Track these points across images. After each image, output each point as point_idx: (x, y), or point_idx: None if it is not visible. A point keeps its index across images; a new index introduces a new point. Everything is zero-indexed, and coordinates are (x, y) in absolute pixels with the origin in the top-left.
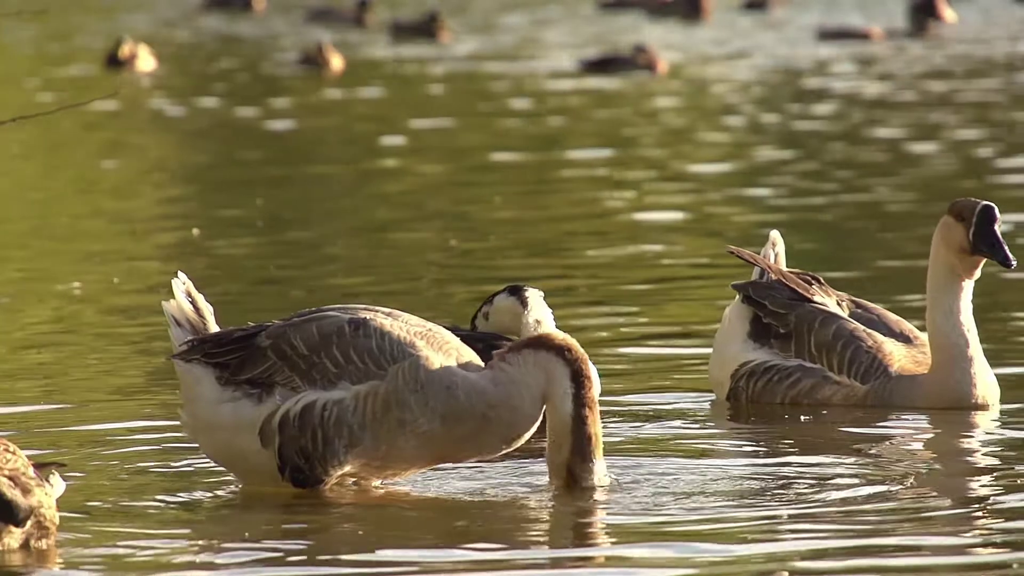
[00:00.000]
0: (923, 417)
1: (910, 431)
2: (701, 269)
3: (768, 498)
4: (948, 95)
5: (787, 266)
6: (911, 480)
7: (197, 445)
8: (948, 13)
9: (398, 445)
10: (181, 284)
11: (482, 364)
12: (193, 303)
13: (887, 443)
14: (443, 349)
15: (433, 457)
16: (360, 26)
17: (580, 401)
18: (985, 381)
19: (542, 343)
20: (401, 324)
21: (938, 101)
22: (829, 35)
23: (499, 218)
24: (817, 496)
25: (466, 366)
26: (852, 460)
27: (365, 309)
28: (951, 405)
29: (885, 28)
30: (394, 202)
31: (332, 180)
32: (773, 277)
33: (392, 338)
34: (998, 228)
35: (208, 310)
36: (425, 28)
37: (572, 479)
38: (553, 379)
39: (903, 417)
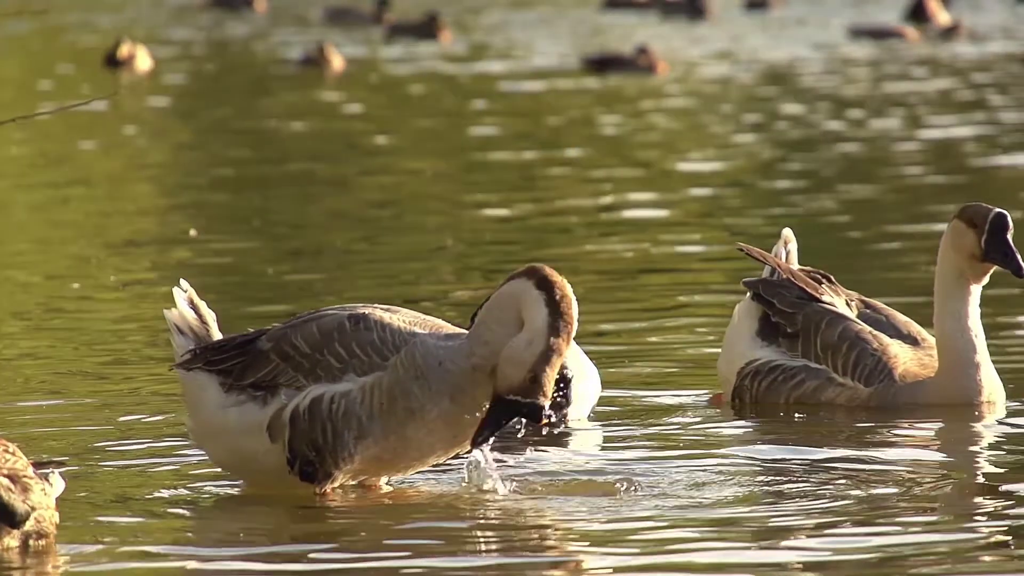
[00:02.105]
0: (928, 418)
1: (915, 432)
2: (698, 268)
3: (768, 499)
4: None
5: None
6: (914, 481)
7: (204, 453)
8: (942, 15)
9: (407, 435)
10: (183, 292)
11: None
12: (196, 310)
13: (890, 444)
14: (437, 335)
15: (444, 444)
16: (379, 26)
17: (554, 308)
18: (991, 387)
19: (503, 283)
20: (400, 318)
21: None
22: (861, 33)
23: (497, 216)
24: (818, 497)
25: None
26: (853, 461)
27: (363, 306)
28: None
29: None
30: (390, 201)
31: (329, 179)
32: (783, 275)
33: (393, 329)
34: (1010, 236)
35: (211, 317)
36: (425, 28)
37: (530, 384)
38: (523, 297)
39: (908, 418)
